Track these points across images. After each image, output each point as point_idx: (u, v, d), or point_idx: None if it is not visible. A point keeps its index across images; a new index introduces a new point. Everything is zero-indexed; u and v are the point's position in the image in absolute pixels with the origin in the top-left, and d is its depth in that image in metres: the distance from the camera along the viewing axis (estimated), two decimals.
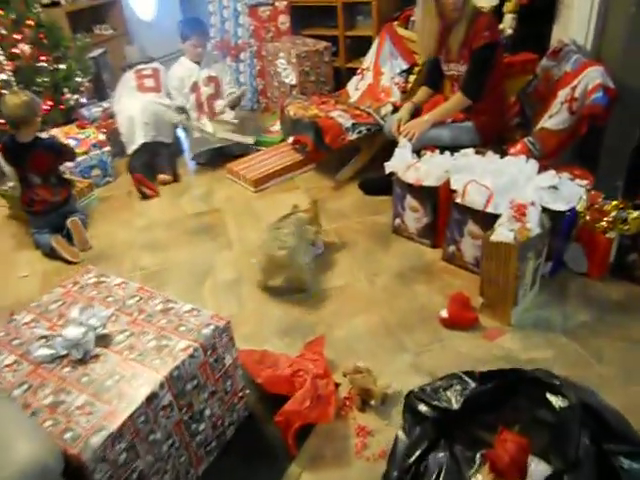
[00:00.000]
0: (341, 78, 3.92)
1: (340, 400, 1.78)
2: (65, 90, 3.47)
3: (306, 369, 1.83)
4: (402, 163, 2.45)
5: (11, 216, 3.02)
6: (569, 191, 2.12)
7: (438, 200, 2.37)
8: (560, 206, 2.07)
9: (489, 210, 2.12)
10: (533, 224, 1.93)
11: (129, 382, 1.36)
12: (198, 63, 3.56)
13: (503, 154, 2.43)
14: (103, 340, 1.49)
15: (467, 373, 1.23)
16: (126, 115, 3.40)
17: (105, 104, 3.57)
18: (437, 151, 2.46)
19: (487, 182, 2.14)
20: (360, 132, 2.95)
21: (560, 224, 2.11)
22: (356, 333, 2.07)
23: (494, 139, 2.56)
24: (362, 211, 2.84)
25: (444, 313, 2.05)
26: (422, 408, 1.18)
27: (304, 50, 3.61)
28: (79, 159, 3.15)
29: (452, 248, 2.34)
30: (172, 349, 1.44)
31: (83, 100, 3.74)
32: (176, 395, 1.40)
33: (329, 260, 2.49)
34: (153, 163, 3.37)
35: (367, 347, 2.00)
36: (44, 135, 2.91)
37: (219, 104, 3.53)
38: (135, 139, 3.36)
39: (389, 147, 2.79)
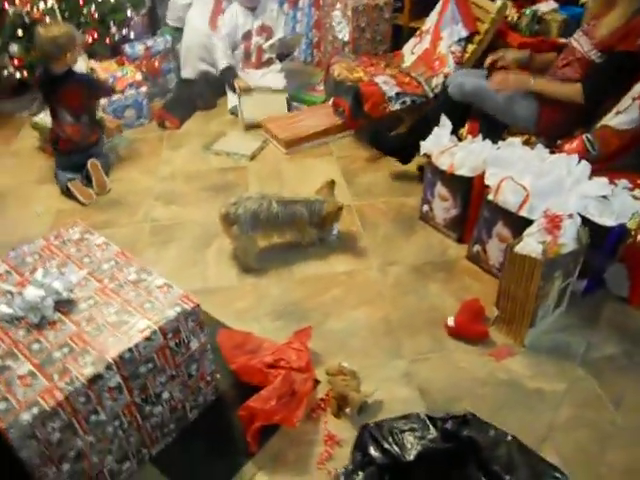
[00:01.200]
0: (401, 38, 3.59)
1: (315, 400, 1.65)
2: (111, 23, 3.35)
3: (288, 359, 1.72)
4: (438, 146, 2.20)
5: (41, 148, 3.00)
6: (622, 203, 1.83)
7: (471, 192, 2.13)
8: (607, 220, 1.79)
9: (522, 213, 1.86)
10: (567, 239, 1.67)
11: (77, 358, 1.27)
12: (253, 9, 3.35)
13: (555, 149, 2.14)
14: (66, 305, 1.42)
15: (431, 418, 1.06)
16: (187, 45, 3.52)
17: (149, 42, 3.42)
18: (479, 137, 2.19)
19: (525, 181, 1.87)
20: (404, 103, 2.69)
21: (604, 239, 1.84)
22: (354, 327, 1.92)
23: (550, 133, 2.23)
24: (392, 190, 2.62)
25: (451, 321, 1.85)
26: (371, 450, 1.03)
27: (362, 3, 3.30)
28: (113, 98, 3.07)
29: (477, 247, 2.11)
30: (130, 328, 1.34)
31: (132, 35, 3.64)
32: (127, 377, 1.32)
33: (344, 241, 2.32)
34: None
35: (361, 344, 1.85)
36: (82, 69, 2.83)
37: (265, 46, 3.36)
38: (185, 70, 3.55)
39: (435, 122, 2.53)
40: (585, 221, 1.75)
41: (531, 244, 1.68)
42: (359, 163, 2.85)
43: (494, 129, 2.30)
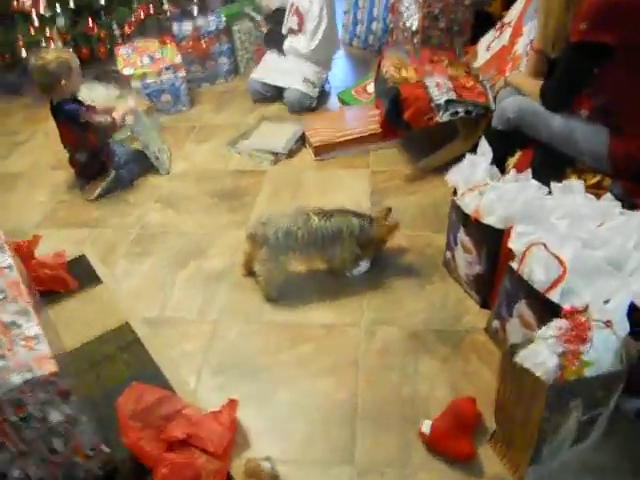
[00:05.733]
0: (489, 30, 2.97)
1: None
2: None
3: (204, 437, 1.38)
4: (467, 180, 1.68)
5: None
6: None
7: (500, 248, 1.59)
8: None
9: (552, 297, 1.31)
10: (598, 357, 1.12)
11: None
12: None
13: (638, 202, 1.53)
14: None
15: None
16: None
17: (200, 21, 3.13)
18: (528, 172, 1.62)
19: (565, 250, 1.31)
20: (455, 114, 2.15)
21: None
22: (306, 404, 1.51)
23: (631, 174, 1.61)
24: (421, 221, 2.12)
25: (426, 426, 1.37)
26: None
27: None
28: (148, 81, 2.85)
29: (496, 324, 1.58)
30: None
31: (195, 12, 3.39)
32: None
33: (341, 278, 1.88)
34: None
35: (307, 431, 1.44)
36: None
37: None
38: None
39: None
40: (635, 330, 1.17)
41: (541, 354, 1.15)
42: (395, 181, 2.36)
43: (554, 164, 1.71)
